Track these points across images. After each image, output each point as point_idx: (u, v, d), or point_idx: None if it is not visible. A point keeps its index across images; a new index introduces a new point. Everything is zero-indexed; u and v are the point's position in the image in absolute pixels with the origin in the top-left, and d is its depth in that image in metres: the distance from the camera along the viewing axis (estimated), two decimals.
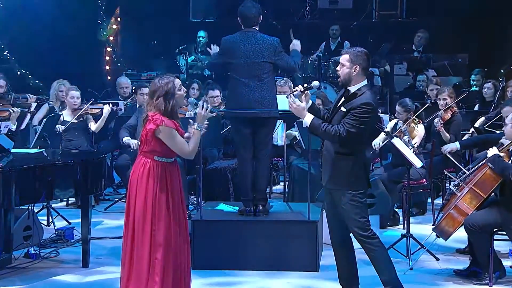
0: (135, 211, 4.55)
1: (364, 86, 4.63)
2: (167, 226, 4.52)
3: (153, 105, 4.53)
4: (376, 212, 6.47)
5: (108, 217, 7.63)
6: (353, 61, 4.62)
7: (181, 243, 4.59)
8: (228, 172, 7.52)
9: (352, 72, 4.61)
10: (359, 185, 4.65)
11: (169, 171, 4.59)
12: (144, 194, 4.53)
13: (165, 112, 4.51)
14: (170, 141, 4.52)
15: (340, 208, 4.69)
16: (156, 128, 4.50)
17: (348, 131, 4.52)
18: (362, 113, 4.52)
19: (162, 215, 4.52)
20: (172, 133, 4.51)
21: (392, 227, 7.10)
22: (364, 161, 4.68)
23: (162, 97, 4.50)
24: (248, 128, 5.84)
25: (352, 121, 4.53)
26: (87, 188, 5.64)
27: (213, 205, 6.48)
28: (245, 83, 5.75)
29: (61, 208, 7.76)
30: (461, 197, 5.40)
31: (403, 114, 7.10)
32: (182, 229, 4.61)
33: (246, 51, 5.78)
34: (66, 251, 6.30)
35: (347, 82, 4.66)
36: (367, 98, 4.56)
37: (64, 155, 6.35)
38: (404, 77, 11.84)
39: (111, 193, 8.76)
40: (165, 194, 4.54)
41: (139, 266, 4.51)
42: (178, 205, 4.61)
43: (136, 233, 4.54)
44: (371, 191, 6.40)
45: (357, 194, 4.64)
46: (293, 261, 5.74)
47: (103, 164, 5.82)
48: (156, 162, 4.57)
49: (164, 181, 4.55)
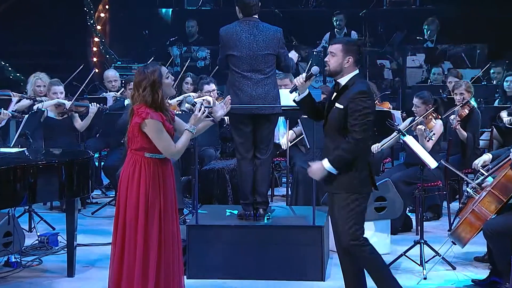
0: (127, 212, 4.56)
1: (355, 76, 4.67)
2: (160, 226, 4.54)
3: (139, 97, 4.52)
4: (387, 217, 6.48)
5: (95, 222, 7.64)
6: (346, 52, 4.64)
7: (173, 247, 4.60)
8: (226, 173, 7.53)
9: (344, 63, 4.64)
10: (363, 188, 4.65)
11: (162, 168, 4.60)
12: (135, 194, 4.54)
13: (153, 103, 4.51)
14: (155, 136, 4.51)
15: (335, 210, 4.68)
16: (142, 122, 4.50)
17: (361, 132, 4.53)
18: (360, 106, 4.52)
19: (155, 214, 4.54)
20: (158, 127, 4.50)
21: (404, 233, 7.10)
22: (369, 160, 4.68)
23: (149, 87, 4.50)
24: (249, 126, 5.84)
25: (356, 121, 4.53)
26: (72, 190, 5.64)
27: (210, 209, 6.49)
28: (247, 77, 5.74)
29: (45, 213, 7.77)
30: (480, 200, 5.40)
31: (422, 107, 7.08)
32: (174, 231, 4.62)
33: (248, 42, 5.75)
34: (50, 259, 6.30)
35: (337, 73, 4.68)
36: (360, 86, 4.58)
37: (47, 155, 6.35)
38: (418, 70, 11.85)
39: (99, 196, 8.77)
40: (158, 193, 4.55)
41: (130, 269, 4.53)
42: (171, 204, 4.63)
43: (128, 234, 4.55)
44: (381, 194, 6.41)
45: (359, 198, 4.64)
46: (296, 269, 5.75)
47: (90, 164, 5.82)
48: (147, 159, 4.58)
49: (156, 179, 4.56)
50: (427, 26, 11.88)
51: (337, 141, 4.62)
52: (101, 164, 8.82)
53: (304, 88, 4.77)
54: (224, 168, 7.57)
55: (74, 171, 5.61)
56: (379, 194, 6.40)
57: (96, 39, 13.04)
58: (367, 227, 6.30)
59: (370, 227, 6.37)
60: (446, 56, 11.78)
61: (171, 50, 12.43)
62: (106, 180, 8.85)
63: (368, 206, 6.27)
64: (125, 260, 4.56)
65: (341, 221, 4.66)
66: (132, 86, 7.97)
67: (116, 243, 4.60)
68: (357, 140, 4.54)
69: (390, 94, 11.24)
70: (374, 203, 6.39)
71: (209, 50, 12.28)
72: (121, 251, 4.58)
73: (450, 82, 8.94)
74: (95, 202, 8.44)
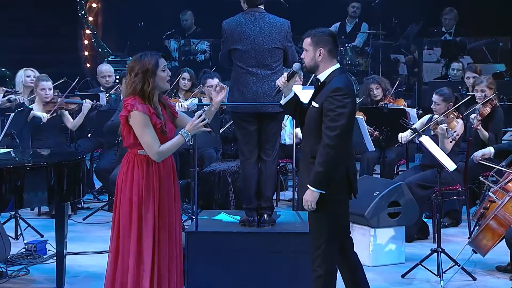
0: (120, 217, 4.58)
1: (335, 71, 4.60)
2: (155, 233, 4.54)
3: (129, 83, 4.54)
4: (402, 223, 6.48)
5: (87, 229, 7.65)
6: (316, 44, 4.60)
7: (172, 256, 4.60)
8: (228, 175, 7.53)
9: (316, 57, 4.60)
10: (339, 194, 4.59)
11: (159, 166, 4.58)
12: (128, 197, 4.55)
13: (141, 91, 4.51)
14: (138, 130, 4.50)
15: (312, 219, 4.65)
16: (128, 115, 4.52)
17: (334, 136, 4.44)
18: (333, 104, 4.45)
19: (148, 220, 4.54)
20: (143, 120, 4.49)
21: (421, 241, 7.10)
22: (347, 166, 4.58)
23: (141, 74, 4.51)
24: (253, 125, 5.83)
25: (328, 123, 4.46)
26: (62, 194, 5.64)
27: (210, 215, 6.49)
28: (252, 73, 5.73)
29: (32, 218, 7.78)
30: (502, 205, 5.40)
31: (442, 104, 7.06)
32: (174, 238, 4.62)
33: (254, 35, 5.75)
34: (38, 268, 6.31)
35: (313, 69, 4.65)
36: (336, 83, 4.51)
37: (35, 156, 6.36)
38: (435, 64, 11.84)
39: (91, 200, 8.78)
40: (152, 194, 4.55)
41: (123, 279, 4.54)
42: (170, 209, 4.62)
43: (121, 242, 4.57)
44: (395, 199, 6.41)
45: (335, 204, 4.58)
46: (304, 280, 5.73)
47: (82, 166, 5.82)
48: (140, 157, 4.58)
49: (151, 179, 4.55)
50: (447, 16, 11.86)
51: (312, 144, 4.57)
52: (93, 166, 8.83)
53: (288, 89, 4.73)
54: (226, 171, 7.57)
55: (64, 173, 5.60)
56: (393, 199, 6.41)
57: (87, 32, 13.05)
58: (381, 234, 6.37)
59: (383, 234, 6.38)
60: (466, 50, 11.77)
61: (168, 44, 12.45)
62: (98, 183, 8.86)
63: (381, 211, 6.35)
64: (118, 269, 4.58)
65: (315, 228, 4.64)
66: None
67: (111, 251, 4.61)
68: (328, 146, 4.45)
69: (405, 91, 11.25)
70: (388, 208, 6.39)
71: (209, 43, 12.30)
72: (115, 260, 4.60)
73: (468, 78, 8.94)
74: (86, 207, 8.45)
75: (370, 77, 8.83)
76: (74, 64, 12.37)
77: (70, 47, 12.75)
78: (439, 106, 7.08)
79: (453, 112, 7.04)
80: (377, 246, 6.38)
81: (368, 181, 6.87)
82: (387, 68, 11.98)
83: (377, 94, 8.36)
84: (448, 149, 6.69)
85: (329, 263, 4.60)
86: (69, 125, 8.13)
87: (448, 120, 6.98)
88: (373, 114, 7.96)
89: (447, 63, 11.52)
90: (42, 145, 7.76)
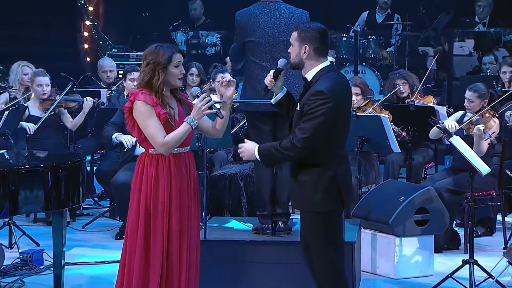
0: (128, 223, 4.61)
1: (323, 69, 4.59)
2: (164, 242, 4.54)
3: (141, 73, 4.59)
4: (430, 232, 6.46)
5: (87, 237, 7.67)
6: (302, 40, 4.60)
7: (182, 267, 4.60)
8: (240, 179, 7.54)
9: (301, 54, 4.60)
10: (328, 205, 4.58)
11: (170, 166, 4.58)
12: (137, 199, 4.57)
13: (148, 84, 4.55)
14: (141, 121, 4.53)
15: (304, 233, 4.67)
16: (131, 106, 4.56)
17: (302, 138, 4.46)
18: (313, 109, 4.46)
19: (158, 226, 4.54)
20: (145, 110, 4.51)
21: (451, 251, 7.09)
22: (335, 172, 4.57)
23: (153, 64, 4.56)
24: (268, 125, 5.85)
25: (305, 124, 4.48)
26: (60, 200, 5.66)
27: (221, 222, 6.50)
28: (267, 68, 5.74)
29: (28, 226, 7.82)
30: None
31: (476, 102, 7.03)
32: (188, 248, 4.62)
33: (268, 27, 5.77)
34: (34, 280, 6.33)
35: (298, 66, 4.66)
36: (318, 86, 4.51)
37: (31, 158, 6.39)
38: (466, 58, 11.81)
39: (91, 206, 8.81)
40: (162, 199, 4.55)
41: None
42: (185, 215, 4.61)
43: (128, 251, 4.59)
44: (423, 205, 6.40)
45: (326, 218, 4.58)
46: None
47: (82, 169, 5.85)
48: (150, 157, 4.60)
49: (161, 181, 4.55)
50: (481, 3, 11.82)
51: None
52: (93, 169, 8.85)
53: (278, 87, 4.74)
54: (238, 174, 7.58)
55: (62, 177, 5.63)
56: (420, 205, 6.39)
57: (87, 23, 13.10)
58: (407, 244, 6.36)
59: (410, 244, 6.36)
60: (501, 42, 11.72)
61: (176, 36, 12.47)
62: (99, 187, 8.89)
63: (408, 219, 6.34)
64: (125, 281, 4.59)
65: (312, 247, 4.64)
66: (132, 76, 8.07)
67: (120, 262, 4.65)
68: (294, 146, 4.49)
69: (433, 87, 11.22)
70: (415, 215, 6.38)
71: (219, 35, 12.32)
72: (122, 270, 4.62)
73: (505, 73, 8.91)
74: (86, 214, 8.48)
75: (395, 72, 8.81)
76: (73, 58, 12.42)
77: (68, 39, 12.79)
78: (473, 104, 7.05)
79: (488, 111, 7.01)
80: (403, 257, 6.37)
81: (393, 185, 6.87)
82: (414, 62, 11.95)
83: (403, 91, 8.34)
84: (483, 151, 6.67)
85: (339, 281, 4.62)
86: (69, 125, 8.15)
87: (484, 119, 6.93)
88: (399, 112, 7.95)
89: (479, 56, 11.48)
90: (38, 146, 7.80)
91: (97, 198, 9.03)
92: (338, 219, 4.68)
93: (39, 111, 8.02)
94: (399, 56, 11.98)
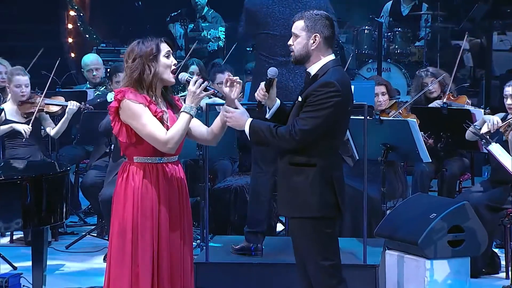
0: (112, 242, 4.60)
1: (329, 63, 4.65)
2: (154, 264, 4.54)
3: (126, 71, 4.56)
4: (466, 253, 6.45)
5: (71, 259, 7.68)
6: (310, 29, 4.64)
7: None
8: (247, 192, 7.55)
9: (310, 44, 4.64)
10: (323, 210, 4.63)
11: (158, 176, 4.58)
12: (121, 215, 4.56)
13: (138, 81, 4.52)
14: (135, 122, 4.48)
15: (297, 243, 4.71)
16: (118, 105, 4.52)
17: (301, 130, 4.52)
18: (320, 100, 4.51)
19: (147, 245, 4.54)
20: (137, 109, 4.46)
21: (490, 275, 7.09)
22: (332, 174, 4.63)
23: (140, 58, 4.54)
24: None
25: (307, 115, 4.53)
26: (41, 216, 5.68)
27: (224, 241, 6.51)
28: (281, 63, 5.74)
29: (4, 246, 7.84)
30: None
31: None
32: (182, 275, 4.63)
33: (283, 18, 5.78)
34: None
35: (303, 59, 4.68)
36: (327, 77, 4.56)
37: (7, 168, 6.41)
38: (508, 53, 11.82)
39: (76, 224, 8.83)
40: (151, 214, 4.54)
41: None
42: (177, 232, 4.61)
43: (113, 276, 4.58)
44: (457, 223, 6.39)
45: (321, 224, 4.63)
46: None
47: (65, 181, 5.87)
48: (135, 167, 4.58)
49: (150, 194, 4.55)
50: None
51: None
52: (78, 181, 8.87)
53: (271, 100, 4.77)
54: (244, 186, 7.59)
55: (44, 190, 5.65)
56: (454, 223, 6.39)
57: (72, 13, 13.14)
58: (439, 267, 6.35)
59: (443, 267, 6.36)
60: None
61: (173, 28, 12.49)
62: (85, 202, 8.90)
63: (440, 239, 6.34)
64: None
65: (307, 255, 4.69)
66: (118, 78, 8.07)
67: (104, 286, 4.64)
68: (291, 137, 4.55)
69: (469, 86, 11.21)
70: (448, 235, 6.37)
71: (223, 28, 12.34)
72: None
73: None
74: (70, 232, 8.49)
75: (424, 70, 8.82)
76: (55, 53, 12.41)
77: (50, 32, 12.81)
78: None
79: None
80: (434, 283, 6.37)
81: (423, 200, 6.86)
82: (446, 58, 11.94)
83: (433, 91, 8.35)
84: None
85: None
86: (50, 132, 8.11)
87: None
88: (428, 116, 7.94)
89: None
90: (16, 155, 7.82)
91: (83, 214, 9.05)
92: (334, 227, 4.73)
93: (16, 116, 7.99)
94: (430, 52, 11.98)
